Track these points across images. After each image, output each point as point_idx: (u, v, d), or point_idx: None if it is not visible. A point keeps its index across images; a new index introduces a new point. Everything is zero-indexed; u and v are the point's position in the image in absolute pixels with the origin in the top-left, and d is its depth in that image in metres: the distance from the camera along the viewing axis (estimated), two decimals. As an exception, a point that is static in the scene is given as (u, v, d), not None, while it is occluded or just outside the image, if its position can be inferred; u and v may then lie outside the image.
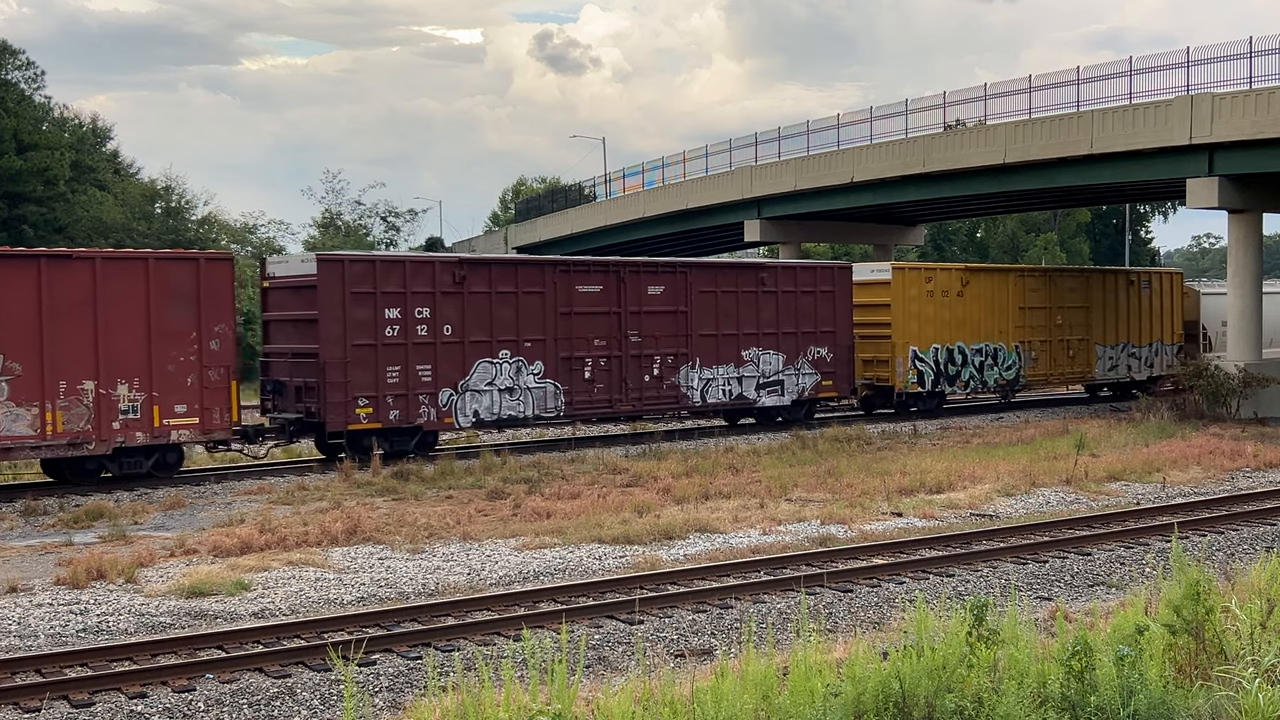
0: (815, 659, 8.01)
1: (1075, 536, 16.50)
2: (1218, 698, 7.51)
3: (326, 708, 9.92)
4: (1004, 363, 35.00)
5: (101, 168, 60.14)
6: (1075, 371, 37.42)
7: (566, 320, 26.35)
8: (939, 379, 33.33)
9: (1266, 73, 30.41)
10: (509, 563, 15.16)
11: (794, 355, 29.91)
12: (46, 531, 17.68)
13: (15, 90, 52.54)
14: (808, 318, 30.15)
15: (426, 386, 24.44)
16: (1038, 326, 36.03)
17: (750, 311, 29.27)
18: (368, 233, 72.91)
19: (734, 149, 47.21)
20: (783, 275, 29.98)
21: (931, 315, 33.20)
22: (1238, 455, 24.29)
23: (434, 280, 24.60)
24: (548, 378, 26.07)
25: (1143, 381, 39.09)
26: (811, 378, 30.19)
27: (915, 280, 33.18)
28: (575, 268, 27.06)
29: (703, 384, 28.44)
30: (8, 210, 49.16)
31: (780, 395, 29.71)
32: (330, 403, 23.33)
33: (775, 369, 29.61)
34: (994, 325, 34.74)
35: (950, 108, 38.69)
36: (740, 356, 29.04)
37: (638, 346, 27.42)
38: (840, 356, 30.77)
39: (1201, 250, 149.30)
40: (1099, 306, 37.97)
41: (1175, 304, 40.57)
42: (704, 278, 28.69)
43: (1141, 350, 39.38)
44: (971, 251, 76.22)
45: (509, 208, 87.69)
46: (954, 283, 34.00)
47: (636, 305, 27.45)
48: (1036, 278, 36.97)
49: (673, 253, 52.83)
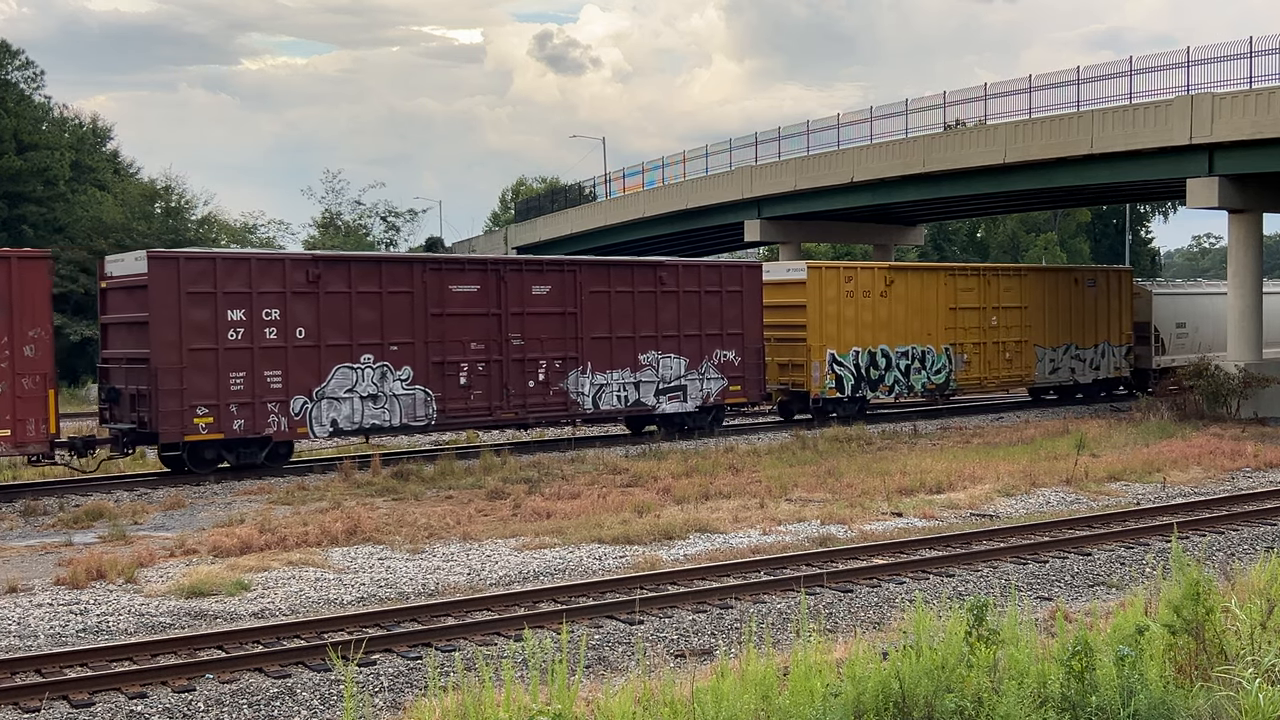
0: (815, 659, 8.01)
1: (1075, 536, 16.50)
2: (1218, 698, 7.51)
3: (326, 708, 9.92)
4: (933, 366, 33.42)
5: (101, 168, 60.13)
6: (1013, 375, 35.75)
7: (439, 322, 24.68)
8: (860, 384, 31.82)
9: (1266, 73, 30.42)
10: (509, 563, 15.16)
11: (698, 359, 28.32)
12: (46, 531, 17.69)
13: (15, 90, 52.54)
14: (713, 319, 28.56)
15: (276, 394, 22.82)
16: (970, 328, 34.38)
17: (649, 312, 27.60)
18: (368, 233, 72.86)
19: (734, 149, 47.22)
20: (685, 274, 28.39)
21: (852, 317, 31.66)
22: (1238, 455, 24.29)
23: (284, 279, 22.95)
24: (417, 384, 24.41)
25: (1088, 385, 37.86)
26: (718, 382, 28.67)
27: (833, 280, 31.57)
28: (448, 266, 25.43)
29: (595, 390, 26.77)
30: (8, 210, 49.17)
31: (683, 401, 28.16)
32: (163, 411, 21.70)
33: (677, 373, 28.02)
34: (921, 327, 33.15)
35: (950, 108, 38.70)
36: (637, 360, 27.41)
37: (520, 350, 25.72)
38: (750, 360, 29.20)
39: (1201, 250, 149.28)
40: (1039, 306, 36.30)
41: (1124, 304, 39.01)
42: (595, 277, 27.00)
43: (1086, 352, 37.68)
44: (972, 251, 76.24)
45: (509, 208, 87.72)
46: (877, 282, 32.38)
47: (519, 306, 25.72)
48: (969, 277, 35.01)
49: (673, 252, 52.82)
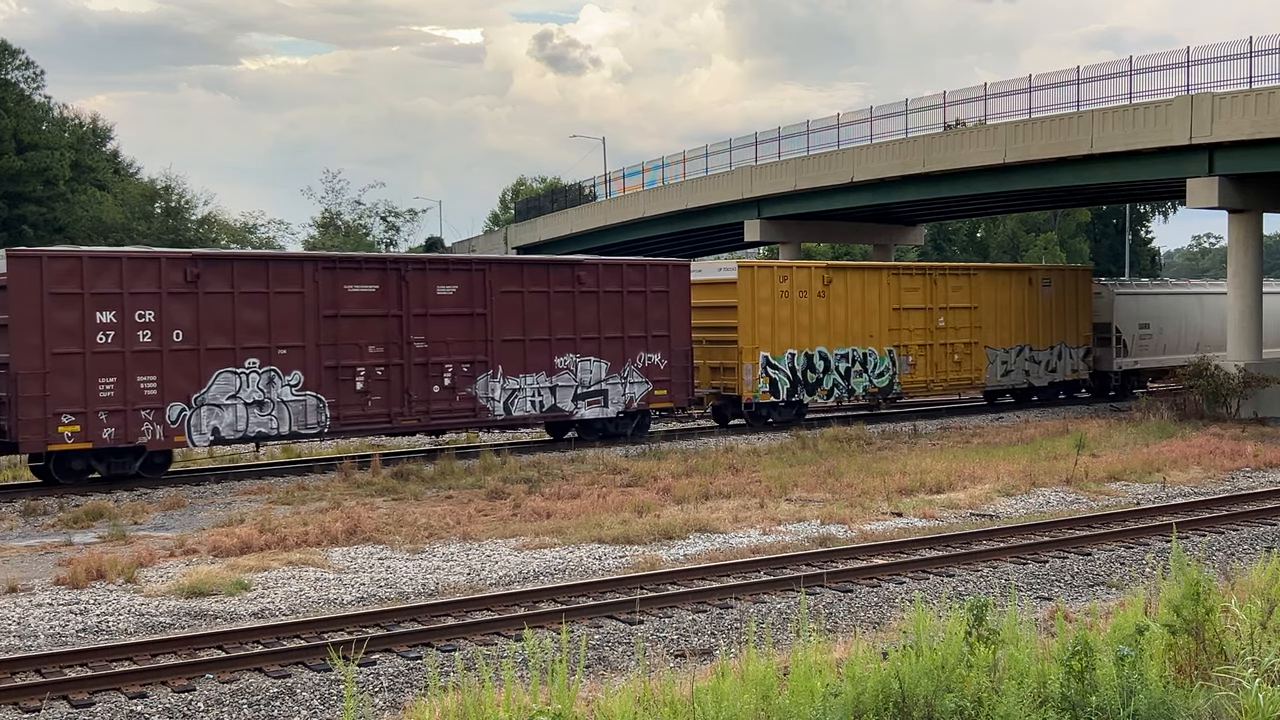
0: (815, 659, 8.01)
1: (1075, 536, 16.50)
2: (1218, 698, 7.51)
3: (326, 708, 9.92)
4: (875, 369, 32.06)
5: (101, 168, 60.17)
6: (962, 377, 34.34)
7: (332, 324, 23.28)
8: (797, 387, 30.49)
9: (1266, 73, 30.41)
10: (509, 563, 15.16)
11: (620, 362, 26.83)
12: (46, 531, 17.68)
13: (15, 90, 52.57)
14: (637, 320, 27.10)
15: (151, 401, 21.42)
16: (916, 329, 33.02)
17: (566, 314, 26.15)
18: (368, 232, 72.94)
19: (734, 149, 47.22)
20: (605, 274, 26.90)
21: (787, 318, 30.28)
22: (1238, 455, 24.28)
23: (160, 279, 21.52)
24: (308, 389, 22.99)
25: (1043, 388, 36.75)
26: (642, 387, 27.20)
27: (766, 280, 30.15)
28: (342, 265, 23.89)
29: (507, 395, 25.36)
30: (8, 210, 49.19)
31: (603, 406, 26.68)
32: (23, 420, 20.34)
33: (597, 378, 26.57)
34: (863, 328, 31.80)
35: (950, 108, 38.69)
36: (554, 364, 25.98)
37: (424, 354, 24.34)
38: (676, 363, 27.72)
39: (1201, 250, 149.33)
40: (990, 306, 34.85)
41: (1082, 304, 37.66)
42: (507, 276, 25.54)
43: (1041, 354, 36.31)
44: (972, 251, 76.25)
45: (509, 208, 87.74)
46: (814, 282, 30.97)
47: (422, 307, 24.33)
48: (913, 276, 33.60)
49: (673, 252, 52.84)
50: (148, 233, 53.76)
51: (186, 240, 53.94)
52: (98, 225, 52.27)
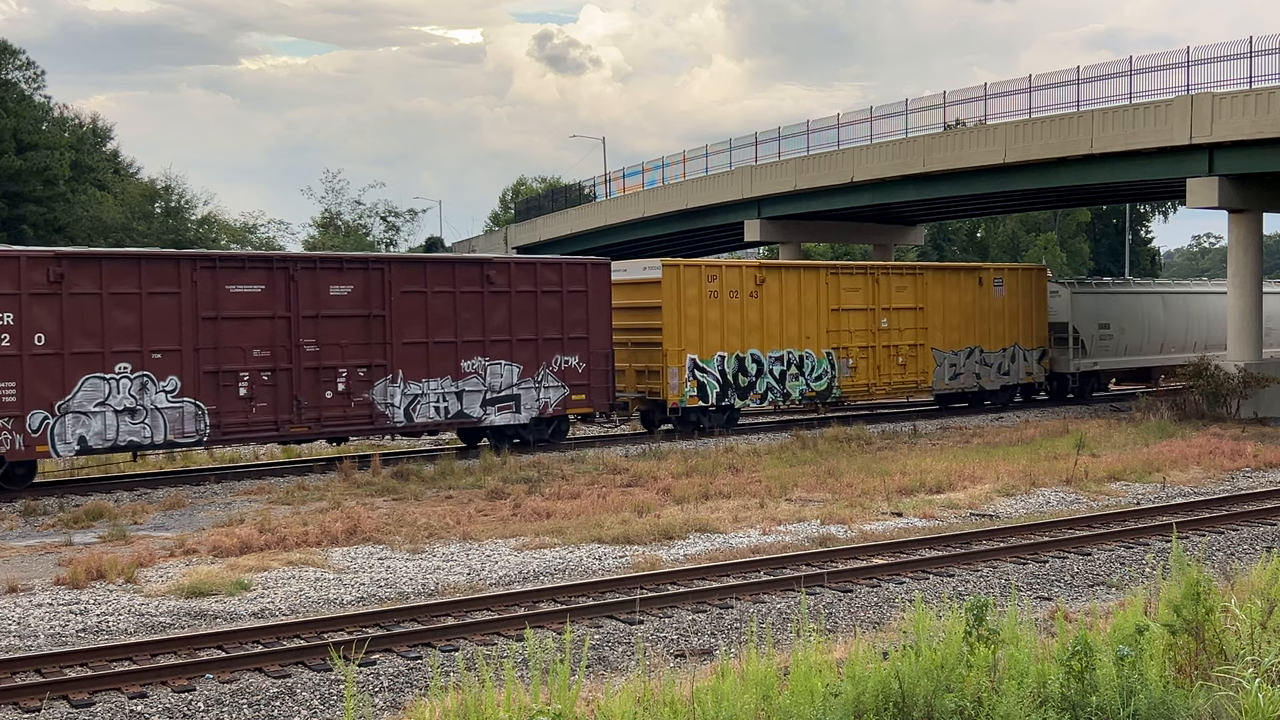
0: (815, 659, 8.01)
1: (1075, 536, 16.50)
2: (1218, 698, 7.51)
3: (326, 708, 9.92)
4: (812, 372, 30.92)
5: (101, 168, 60.20)
6: (907, 381, 33.21)
7: (212, 327, 22.09)
8: (727, 391, 29.29)
9: (1266, 73, 30.41)
10: (509, 563, 15.16)
11: (533, 365, 25.66)
12: (46, 531, 17.68)
13: (15, 90, 52.58)
14: (552, 322, 25.93)
15: (10, 408, 20.27)
16: (857, 331, 31.84)
17: (474, 315, 24.94)
18: (367, 233, 72.98)
19: (734, 149, 47.22)
20: (518, 273, 25.66)
21: (716, 319, 29.07)
22: (1238, 455, 24.28)
23: (19, 279, 20.39)
24: (185, 396, 21.81)
25: (995, 391, 35.60)
26: (557, 391, 26.02)
27: (694, 279, 28.91)
28: (223, 264, 22.63)
29: (408, 400, 24.15)
30: (8, 210, 49.19)
31: (515, 412, 25.52)
32: None
33: (508, 382, 25.36)
34: (799, 330, 30.64)
35: (950, 108, 38.68)
36: (460, 368, 24.74)
37: (315, 357, 23.09)
38: (595, 366, 26.49)
39: (1201, 250, 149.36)
40: (938, 307, 33.66)
41: (1038, 304, 36.52)
42: (408, 276, 24.30)
43: (993, 356, 35.13)
44: (972, 251, 76.26)
45: (509, 208, 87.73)
46: (746, 282, 29.75)
47: (313, 309, 23.08)
48: (853, 276, 32.23)
49: (673, 252, 52.83)
50: (148, 233, 53.79)
51: (186, 240, 53.97)
52: (98, 225, 52.30)
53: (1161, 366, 40.56)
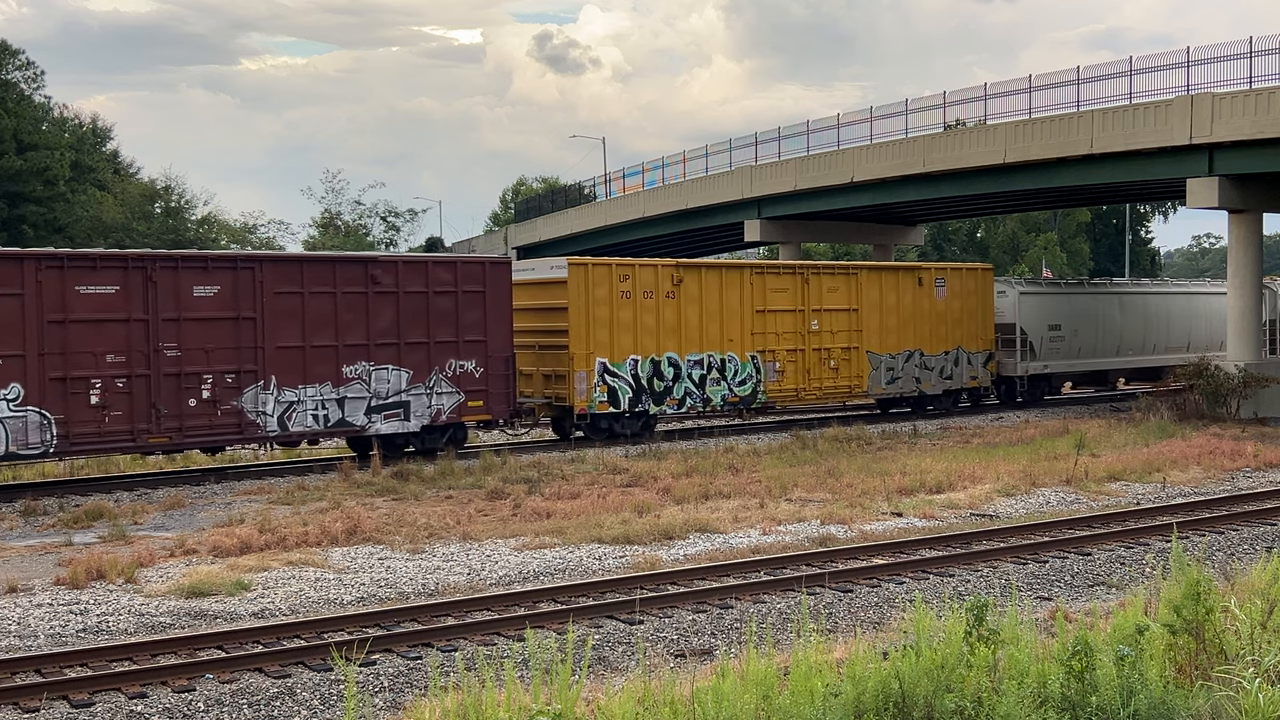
0: (815, 659, 8.01)
1: (1075, 536, 16.50)
2: (1218, 698, 7.51)
3: (326, 708, 9.92)
4: (735, 376, 29.57)
5: (101, 168, 60.23)
6: (840, 386, 31.76)
7: (60, 330, 20.69)
8: (641, 397, 27.94)
9: (1266, 73, 30.41)
10: (509, 563, 15.16)
11: (425, 371, 24.25)
12: (46, 531, 17.69)
13: (15, 90, 52.62)
14: (446, 324, 24.49)
15: None
16: (785, 333, 30.50)
17: (357, 317, 23.52)
18: (367, 233, 72.98)
19: (734, 149, 47.24)
20: (406, 272, 24.19)
21: (629, 321, 27.68)
22: (1238, 455, 24.28)
23: None
24: (29, 404, 20.40)
25: (937, 396, 34.15)
26: (452, 397, 24.60)
27: (604, 279, 27.45)
28: (72, 263, 21.13)
29: (282, 408, 22.67)
30: (8, 210, 49.21)
31: (404, 420, 24.08)
32: None
33: (396, 388, 23.95)
34: (721, 332, 29.25)
35: (950, 108, 38.69)
36: (341, 374, 23.31)
37: (177, 363, 21.66)
38: (495, 371, 25.08)
39: (1201, 250, 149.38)
40: (874, 308, 32.32)
41: (983, 305, 35.08)
42: (283, 275, 22.83)
43: (934, 359, 33.73)
44: (972, 251, 76.28)
45: (509, 208, 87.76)
46: (663, 282, 28.32)
47: (174, 311, 21.64)
48: (780, 276, 30.87)
49: (673, 252, 52.87)
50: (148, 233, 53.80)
51: (186, 240, 53.98)
52: (98, 225, 52.33)
53: (1119, 370, 39.36)
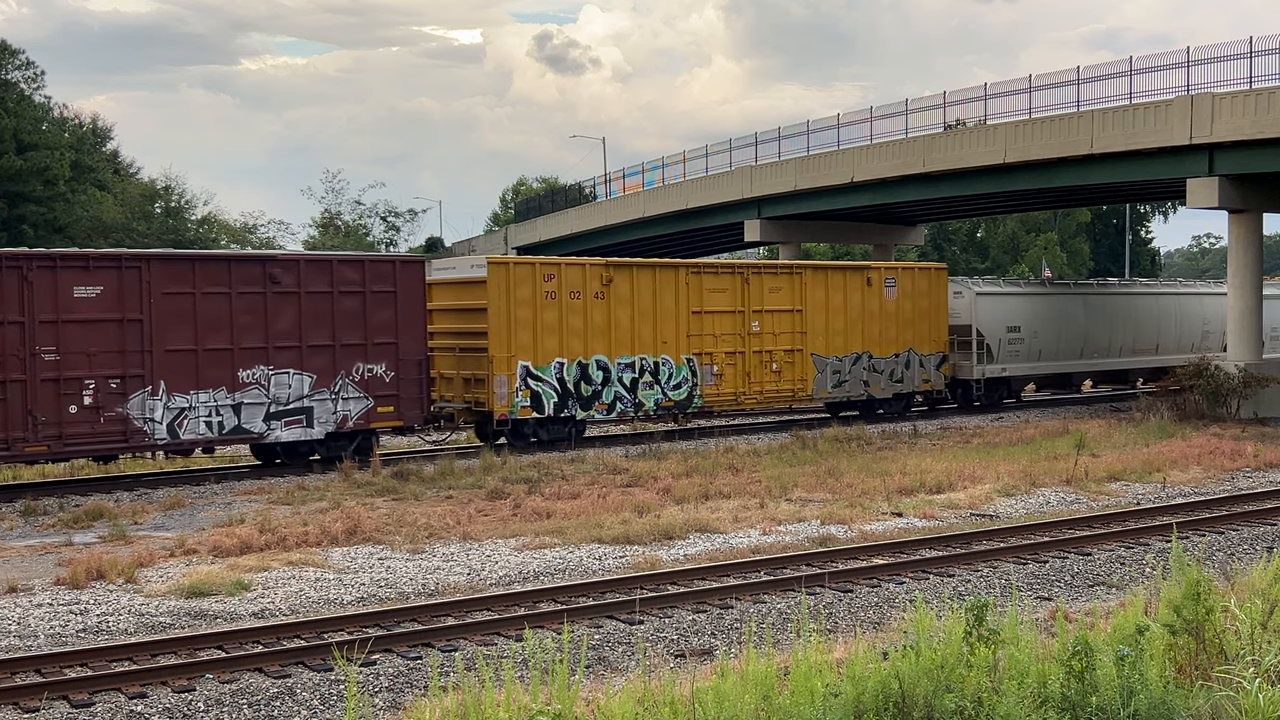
0: (815, 659, 8.01)
1: (1075, 536, 16.50)
2: (1218, 698, 7.51)
3: (326, 708, 9.92)
4: (670, 380, 28.32)
5: (101, 168, 60.25)
6: (783, 389, 30.48)
7: None
8: (567, 401, 26.74)
9: (1266, 73, 30.41)
10: (509, 563, 15.16)
11: (330, 375, 23.07)
12: (46, 531, 17.69)
13: (15, 90, 52.65)
14: (353, 326, 23.35)
15: None
16: (723, 335, 29.25)
17: (255, 319, 22.34)
18: (367, 233, 72.97)
19: (734, 149, 47.25)
20: (309, 272, 23.01)
21: (555, 322, 26.48)
22: (1238, 455, 24.29)
23: None
24: None
25: (887, 400, 32.88)
26: (360, 403, 23.47)
27: (527, 278, 26.27)
28: None
29: (172, 415, 21.48)
30: (8, 210, 49.23)
31: (307, 426, 22.93)
32: None
33: (298, 393, 22.77)
34: (654, 334, 28.03)
35: (950, 108, 38.69)
36: (237, 378, 22.17)
37: (55, 367, 20.53)
38: (407, 375, 23.99)
39: (1201, 250, 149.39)
40: (819, 309, 31.11)
41: (937, 306, 33.78)
42: (172, 275, 21.60)
43: (884, 362, 32.48)
44: (972, 252, 76.30)
45: (509, 208, 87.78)
46: (591, 281, 27.12)
47: (52, 312, 20.52)
48: (719, 275, 29.62)
49: (673, 253, 52.88)
50: (148, 233, 53.82)
51: (186, 241, 53.99)
52: (98, 225, 52.35)
53: (1084, 373, 38.33)
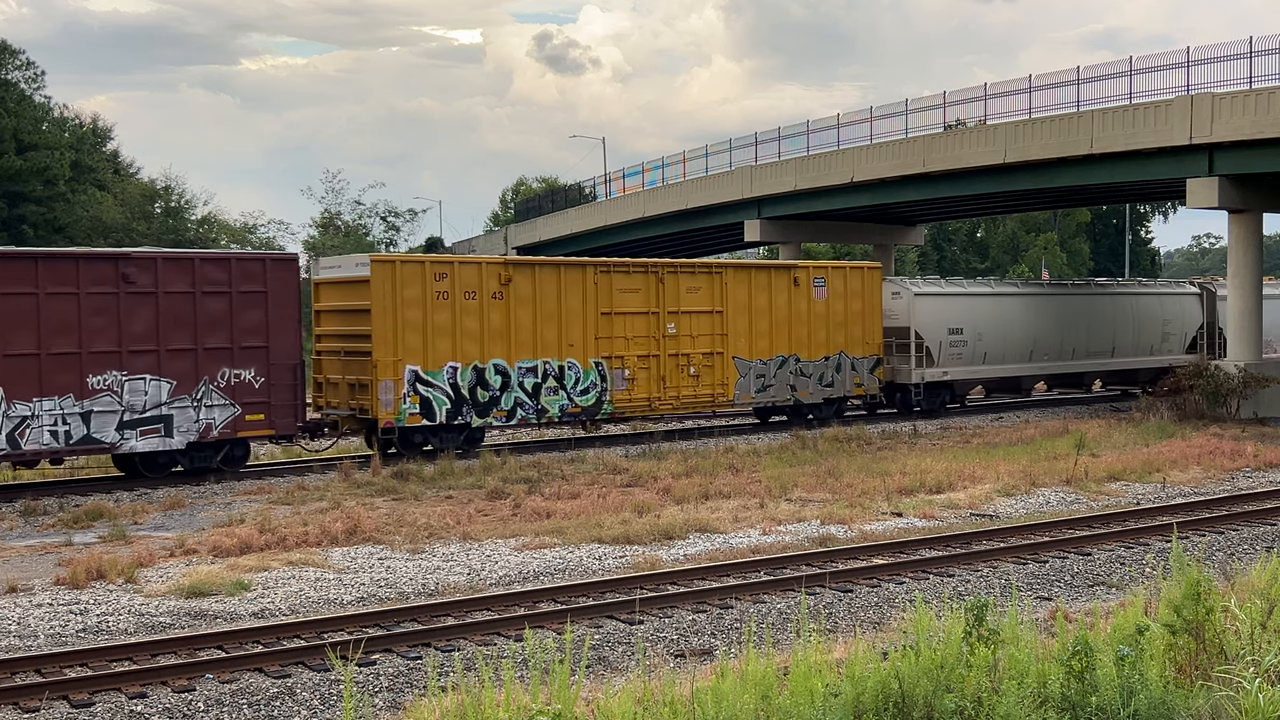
0: (815, 659, 8.01)
1: (1075, 536, 16.50)
2: (1218, 698, 7.51)
3: (326, 708, 9.92)
4: (576, 385, 26.91)
5: (101, 168, 60.20)
6: (701, 394, 29.06)
7: None
8: (462, 408, 25.23)
9: (1266, 73, 30.41)
10: (509, 563, 15.16)
11: (190, 381, 21.73)
12: (46, 531, 17.69)
13: (15, 90, 52.62)
14: (218, 329, 21.97)
15: None
16: (636, 337, 27.85)
17: (107, 321, 20.97)
18: (367, 233, 72.88)
19: (734, 149, 47.23)
20: (167, 270, 21.59)
21: (447, 324, 25.06)
22: (1238, 455, 24.28)
23: None
24: None
25: (817, 405, 31.42)
26: (225, 410, 22.07)
27: (415, 278, 24.79)
28: None
29: (12, 424, 20.22)
30: (8, 210, 49.21)
31: (166, 435, 21.57)
32: None
33: (156, 400, 21.40)
34: (559, 336, 26.64)
35: (950, 108, 38.67)
36: (86, 384, 20.78)
37: None
38: (279, 380, 22.59)
39: (1201, 250, 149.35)
40: (741, 310, 29.70)
41: (871, 306, 32.35)
42: (12, 274, 20.40)
43: (813, 365, 31.03)
44: (972, 252, 76.30)
45: (509, 208, 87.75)
46: (488, 281, 25.68)
47: None
48: (630, 275, 28.05)
49: (673, 253, 52.88)
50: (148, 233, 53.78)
51: (186, 241, 53.97)
52: (98, 225, 52.30)
53: (1034, 376, 37.25)
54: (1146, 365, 39.26)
